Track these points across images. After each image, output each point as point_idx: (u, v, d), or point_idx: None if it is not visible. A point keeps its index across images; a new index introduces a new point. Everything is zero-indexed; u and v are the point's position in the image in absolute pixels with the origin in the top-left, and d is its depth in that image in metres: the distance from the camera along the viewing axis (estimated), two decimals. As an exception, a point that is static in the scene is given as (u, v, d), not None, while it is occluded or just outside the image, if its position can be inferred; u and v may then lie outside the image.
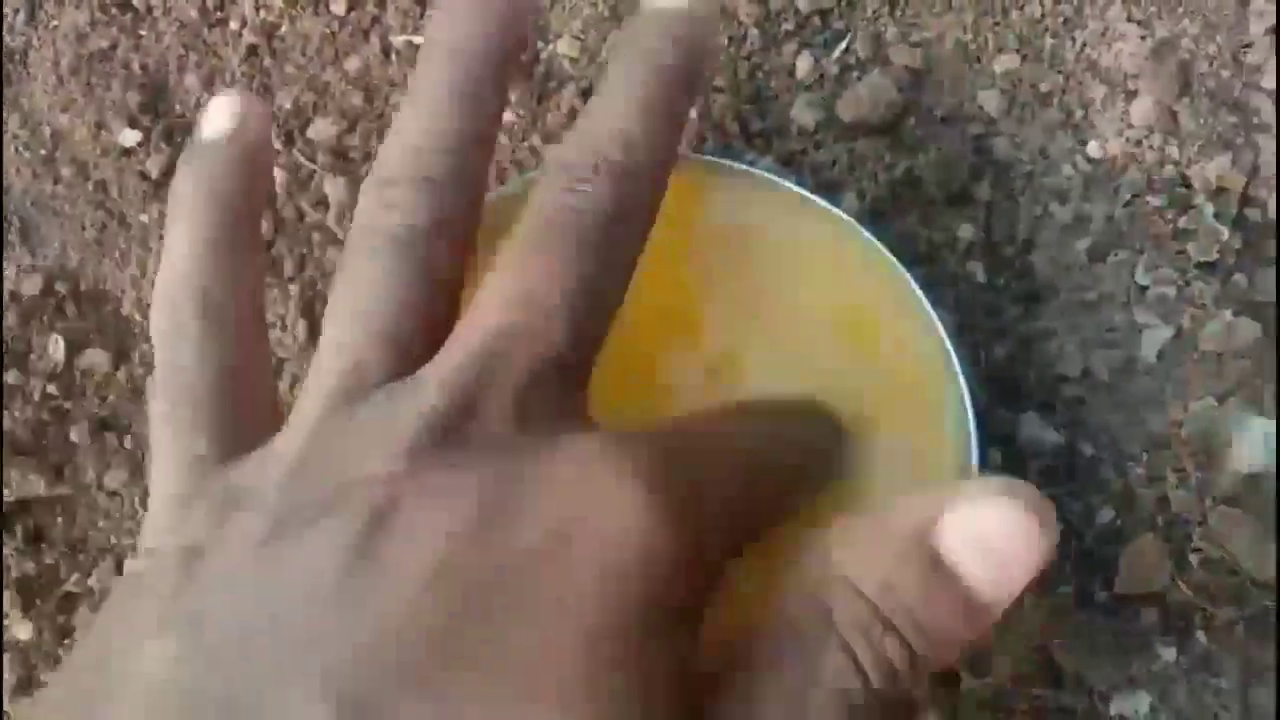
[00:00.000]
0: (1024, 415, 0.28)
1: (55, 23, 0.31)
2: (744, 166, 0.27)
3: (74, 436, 0.29)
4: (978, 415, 0.24)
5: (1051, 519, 0.17)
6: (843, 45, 0.30)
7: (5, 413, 0.29)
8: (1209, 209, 0.29)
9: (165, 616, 0.17)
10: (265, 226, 0.29)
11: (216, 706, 0.16)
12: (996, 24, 0.30)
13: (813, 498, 0.22)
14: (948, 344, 0.25)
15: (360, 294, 0.20)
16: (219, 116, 0.23)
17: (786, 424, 0.23)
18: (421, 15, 0.31)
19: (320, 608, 0.16)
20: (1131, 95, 0.30)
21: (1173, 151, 0.29)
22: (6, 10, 0.31)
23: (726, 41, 0.30)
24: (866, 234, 0.25)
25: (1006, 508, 0.17)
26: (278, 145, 0.30)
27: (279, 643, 0.16)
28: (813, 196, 0.26)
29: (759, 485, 0.21)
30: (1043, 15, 0.30)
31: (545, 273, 0.20)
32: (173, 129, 0.30)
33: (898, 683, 0.17)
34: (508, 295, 0.20)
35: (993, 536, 0.17)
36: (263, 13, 0.31)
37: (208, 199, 0.23)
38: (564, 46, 0.30)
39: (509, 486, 0.17)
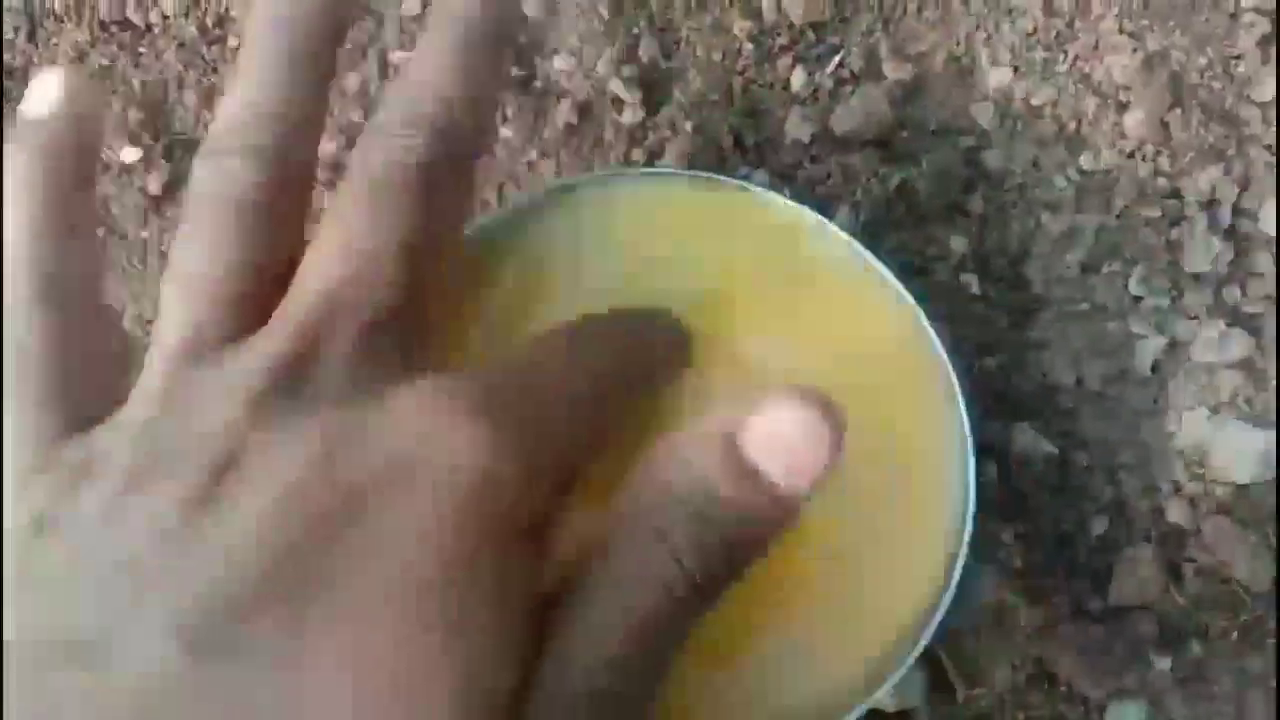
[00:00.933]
0: (1017, 426, 0.28)
1: (55, 41, 0.32)
2: (738, 182, 0.27)
3: (74, 451, 0.29)
4: (971, 424, 0.24)
5: (837, 417, 0.19)
6: (836, 59, 0.30)
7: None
8: (1201, 220, 0.29)
9: (17, 582, 0.18)
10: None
11: (66, 651, 0.17)
12: (989, 38, 0.30)
13: (656, 397, 0.24)
14: (946, 361, 0.25)
15: (197, 258, 0.21)
16: (46, 91, 0.23)
17: (617, 337, 0.24)
18: (419, 31, 0.31)
19: (165, 550, 0.17)
20: (1123, 107, 0.30)
21: (1165, 163, 0.29)
22: (7, 29, 0.32)
23: (721, 56, 0.30)
24: (854, 243, 0.26)
25: (798, 409, 0.19)
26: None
27: (125, 586, 0.17)
28: (799, 206, 0.26)
29: (588, 404, 0.21)
30: (1035, 29, 0.30)
31: (372, 224, 0.21)
32: (173, 146, 0.31)
33: (714, 568, 0.19)
34: (337, 248, 0.20)
35: (787, 436, 0.19)
36: (261, 30, 0.31)
37: (42, 177, 0.23)
38: (560, 62, 0.30)
39: (348, 427, 0.18)
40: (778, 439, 0.19)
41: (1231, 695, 0.26)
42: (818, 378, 0.25)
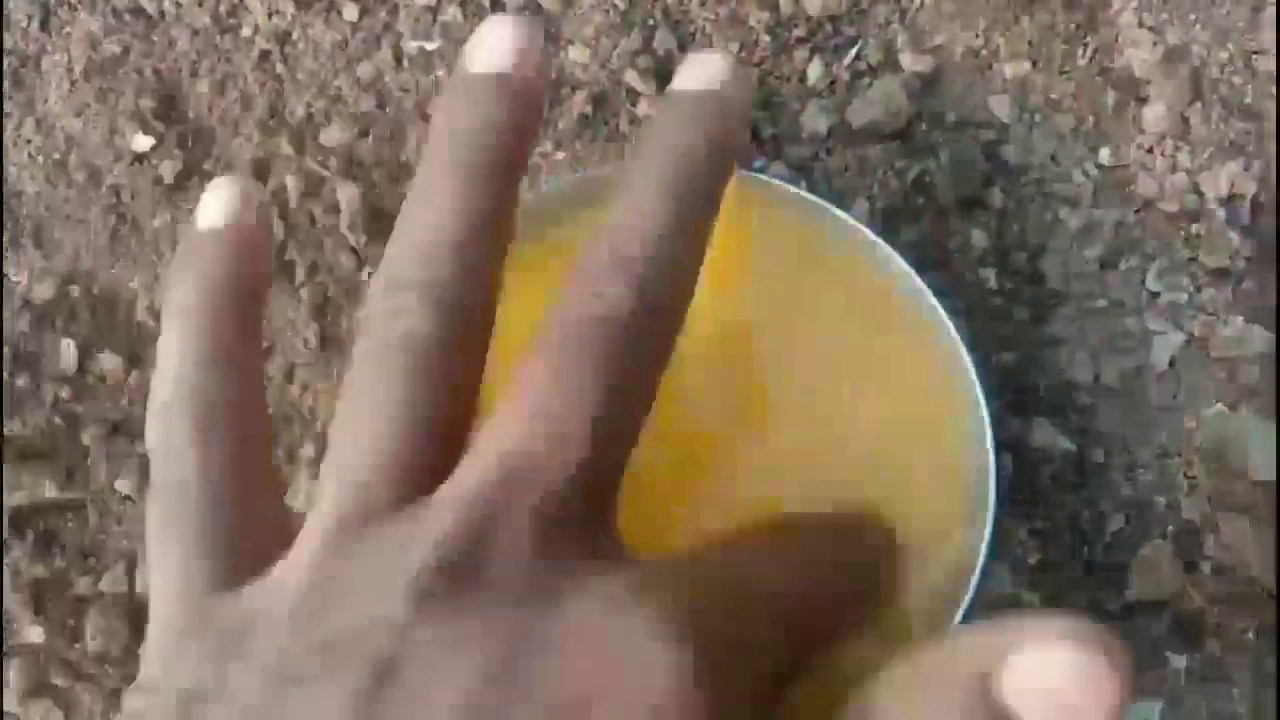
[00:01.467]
0: (1035, 422, 0.27)
1: (68, 29, 0.31)
2: (757, 175, 0.27)
3: (86, 441, 0.29)
4: (989, 420, 0.24)
5: (1125, 662, 0.14)
6: (854, 51, 0.30)
7: (18, 417, 0.29)
8: (1220, 215, 0.29)
9: None
10: (277, 229, 0.29)
11: None
12: (1007, 30, 0.30)
13: (859, 625, 0.20)
14: (965, 357, 0.25)
15: (364, 413, 0.19)
16: (214, 206, 0.22)
17: (831, 547, 0.21)
18: (434, 21, 0.31)
19: None
20: (1143, 102, 0.30)
21: (1184, 158, 0.29)
22: (20, 16, 0.31)
23: (737, 47, 0.30)
24: (872, 236, 0.25)
25: (1074, 655, 0.14)
26: (290, 150, 0.30)
27: None
28: (827, 206, 0.26)
29: (799, 622, 0.19)
30: (1054, 22, 0.30)
31: (565, 389, 0.18)
32: (186, 134, 0.31)
33: None
34: (523, 415, 0.18)
35: (1061, 688, 0.14)
36: (275, 19, 0.31)
37: (205, 301, 0.21)
38: (575, 53, 0.30)
39: (525, 639, 0.16)
40: (1047, 690, 0.14)
41: (1249, 694, 0.26)
42: (834, 377, 0.25)
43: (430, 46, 0.31)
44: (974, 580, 0.23)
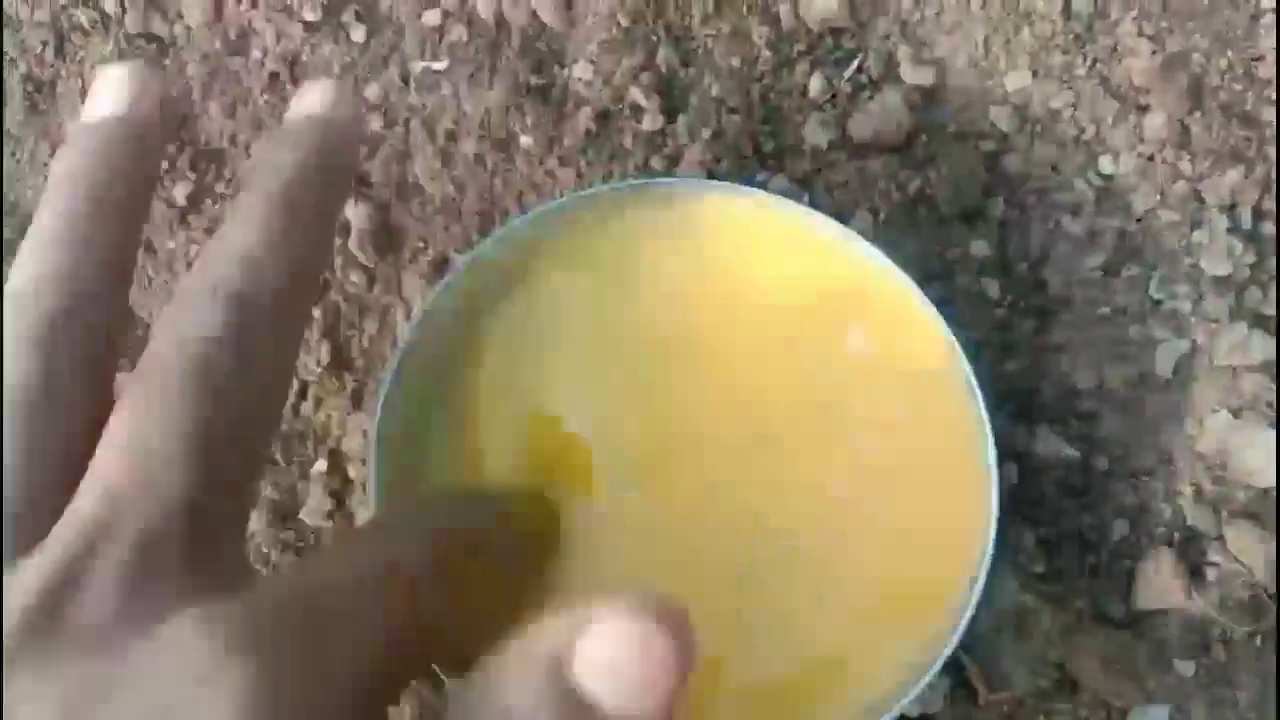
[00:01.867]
0: (1038, 429, 0.28)
1: (82, 54, 0.32)
2: (756, 190, 0.27)
3: (103, 459, 0.29)
4: (993, 428, 0.24)
5: (684, 629, 0.15)
6: (855, 65, 0.30)
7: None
8: (1222, 223, 0.29)
9: None
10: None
11: None
12: (1008, 41, 0.30)
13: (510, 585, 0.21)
14: (960, 352, 0.25)
15: None
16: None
17: (430, 535, 0.21)
18: (440, 41, 0.31)
19: None
20: (1143, 110, 0.30)
21: (1185, 166, 0.29)
22: (35, 43, 0.32)
23: (739, 62, 0.31)
24: (875, 250, 0.26)
25: (631, 630, 0.15)
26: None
27: None
28: (811, 211, 0.26)
29: (395, 617, 0.18)
30: (1054, 32, 0.30)
31: (153, 415, 0.18)
32: (198, 157, 0.31)
33: None
34: (119, 450, 0.18)
35: (622, 661, 0.15)
36: (284, 41, 0.32)
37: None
38: (580, 70, 0.31)
39: (93, 686, 0.16)
40: (609, 663, 0.15)
41: (1255, 701, 0.26)
42: (834, 391, 0.25)
43: (437, 67, 0.31)
44: (978, 589, 0.23)
